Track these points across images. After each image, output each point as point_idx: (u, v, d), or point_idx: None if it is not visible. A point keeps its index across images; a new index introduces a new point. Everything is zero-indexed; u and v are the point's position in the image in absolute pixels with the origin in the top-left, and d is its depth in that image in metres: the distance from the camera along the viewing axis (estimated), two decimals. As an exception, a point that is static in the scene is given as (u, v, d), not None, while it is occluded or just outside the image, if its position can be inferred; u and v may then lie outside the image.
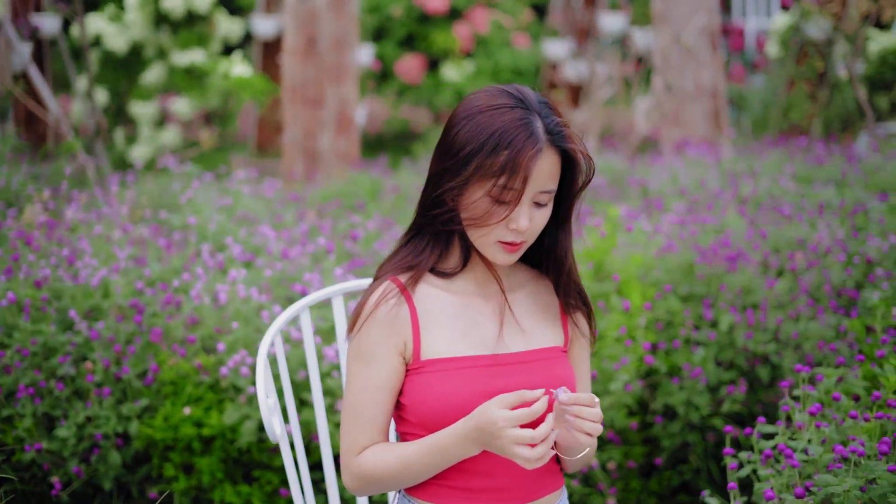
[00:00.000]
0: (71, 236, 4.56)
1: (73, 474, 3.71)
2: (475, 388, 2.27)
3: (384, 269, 2.40)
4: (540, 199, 2.27)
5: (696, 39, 7.78)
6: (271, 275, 4.04)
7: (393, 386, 2.32)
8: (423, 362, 2.30)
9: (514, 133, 2.21)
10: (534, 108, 2.25)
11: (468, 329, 2.34)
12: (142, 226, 4.85)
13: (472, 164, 2.22)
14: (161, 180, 5.62)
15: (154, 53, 9.56)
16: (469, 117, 2.26)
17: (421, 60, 10.51)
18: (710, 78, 7.91)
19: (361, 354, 2.32)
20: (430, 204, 2.32)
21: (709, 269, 4.32)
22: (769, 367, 4.13)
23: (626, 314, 3.95)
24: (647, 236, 4.48)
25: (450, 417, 2.25)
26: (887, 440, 2.58)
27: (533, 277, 2.47)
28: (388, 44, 10.54)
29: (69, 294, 3.99)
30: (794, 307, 4.20)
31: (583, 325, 2.47)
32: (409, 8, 10.52)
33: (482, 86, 10.10)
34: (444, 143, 2.29)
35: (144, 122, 9.59)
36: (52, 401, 3.74)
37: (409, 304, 2.33)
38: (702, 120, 7.86)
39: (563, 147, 2.26)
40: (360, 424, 2.30)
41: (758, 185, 5.67)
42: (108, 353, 3.78)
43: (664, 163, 6.59)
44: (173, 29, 9.45)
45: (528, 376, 2.31)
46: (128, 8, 9.46)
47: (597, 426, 2.20)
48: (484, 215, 2.24)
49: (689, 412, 3.94)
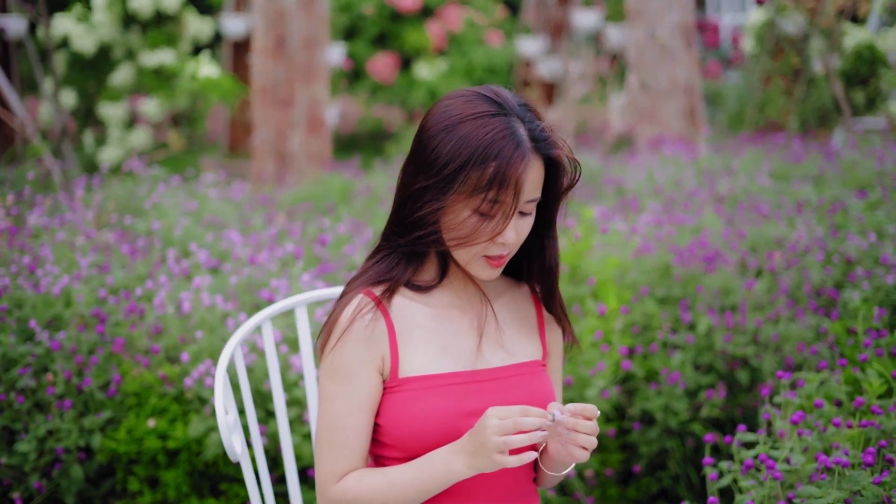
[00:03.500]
0: (33, 243, 4.44)
1: (34, 490, 3.59)
2: (453, 408, 2.16)
3: (355, 284, 2.26)
4: (525, 208, 2.15)
5: (670, 35, 7.71)
6: (237, 282, 3.93)
7: (372, 406, 2.19)
8: (401, 380, 2.18)
9: (500, 144, 2.08)
10: (515, 113, 2.13)
11: (446, 344, 2.23)
12: (106, 231, 4.73)
13: (457, 180, 2.09)
14: (127, 184, 5.49)
15: (122, 54, 9.41)
16: (448, 129, 2.12)
17: (393, 59, 10.41)
18: (684, 74, 7.83)
19: (337, 373, 2.18)
20: (410, 224, 2.18)
21: (686, 270, 4.23)
22: (749, 370, 4.05)
23: (602, 318, 3.86)
24: (623, 237, 4.38)
25: (427, 437, 2.14)
26: (872, 450, 2.49)
27: (509, 286, 2.36)
28: (360, 42, 10.43)
29: (30, 303, 3.87)
30: (773, 308, 4.12)
31: (558, 336, 2.37)
32: (381, 6, 10.41)
33: (455, 84, 10.01)
34: (422, 156, 2.15)
35: (113, 124, 9.44)
36: (13, 414, 3.62)
37: (386, 318, 2.20)
38: (677, 117, 7.79)
39: (549, 154, 2.15)
40: (340, 449, 2.17)
41: (735, 182, 5.59)
42: (70, 364, 3.66)
43: (640, 161, 6.50)
44: (142, 29, 9.30)
45: (508, 393, 2.20)
46: (95, 8, 9.30)
47: (593, 440, 2.10)
48: (472, 234, 2.12)
49: (667, 418, 3.86)
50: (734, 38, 13.04)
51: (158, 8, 9.27)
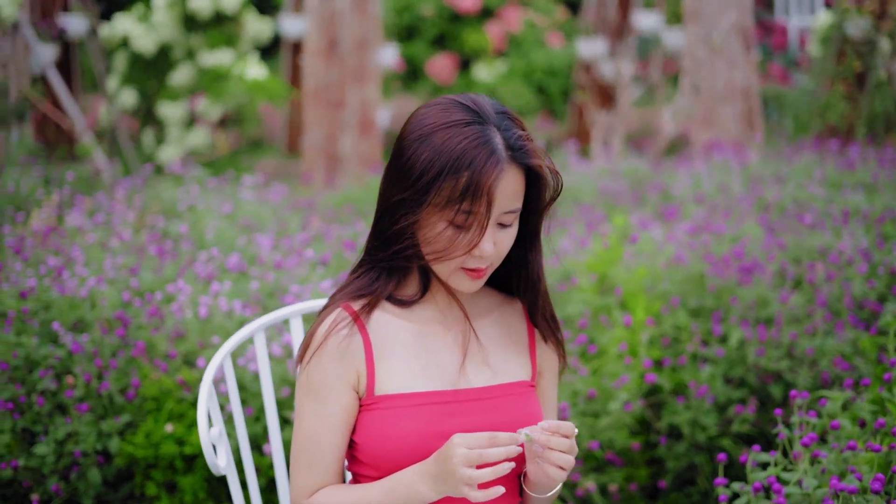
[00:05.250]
0: (66, 243, 4.45)
1: (52, 492, 3.58)
2: (430, 429, 2.09)
3: (336, 297, 2.20)
4: (504, 219, 2.08)
5: (727, 37, 7.56)
6: (258, 287, 3.89)
7: (346, 423, 2.13)
8: (377, 398, 2.12)
9: (473, 154, 2.01)
10: (491, 122, 2.05)
11: (427, 361, 2.15)
12: (145, 233, 4.73)
13: (431, 192, 2.02)
14: (169, 185, 5.50)
15: (182, 54, 9.45)
16: (422, 138, 2.05)
17: (453, 60, 10.35)
18: (742, 78, 7.68)
19: (311, 389, 2.13)
20: (388, 238, 2.11)
21: (720, 280, 4.12)
22: (783, 384, 3.93)
23: (629, 330, 3.77)
24: (656, 246, 4.27)
25: (402, 458, 2.07)
26: (881, 476, 2.38)
27: (500, 302, 2.28)
28: (419, 44, 10.38)
29: (57, 305, 3.87)
30: (810, 321, 3.99)
31: (553, 355, 2.29)
32: (441, 7, 10.35)
33: (514, 86, 9.93)
34: (397, 167, 2.09)
35: (173, 124, 9.49)
36: (33, 416, 3.62)
37: (363, 333, 2.14)
38: (734, 121, 7.63)
39: (527, 164, 2.07)
40: (312, 465, 2.12)
41: (783, 190, 5.45)
42: (90, 367, 3.65)
43: (687, 167, 6.37)
44: (201, 29, 9.34)
45: (490, 415, 2.12)
46: (156, 8, 9.36)
47: (569, 459, 2.02)
48: (448, 248, 2.05)
49: (694, 432, 3.76)
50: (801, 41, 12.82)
51: (218, 8, 9.30)
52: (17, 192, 5.64)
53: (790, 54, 12.93)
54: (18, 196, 5.63)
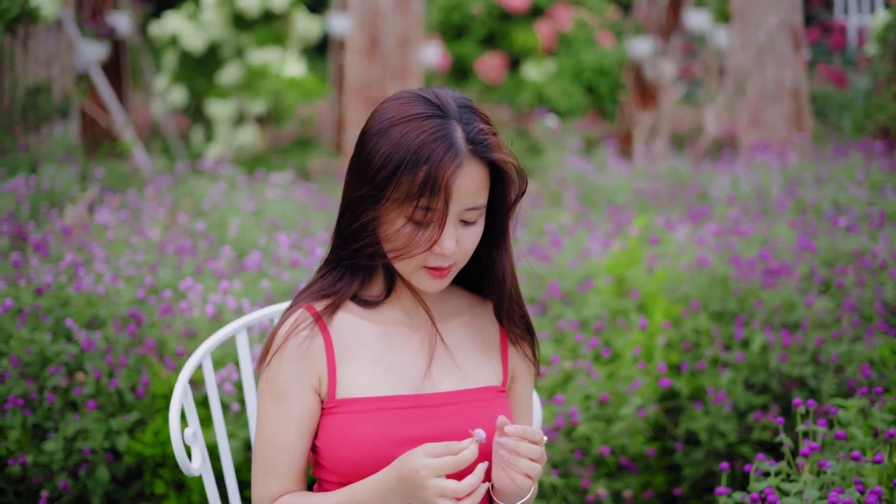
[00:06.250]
0: (91, 240, 4.45)
1: (60, 489, 3.58)
2: (392, 434, 2.02)
3: (300, 297, 2.14)
4: (467, 216, 2.00)
5: (776, 37, 7.41)
6: (269, 285, 3.86)
7: (308, 427, 2.07)
8: (339, 401, 2.05)
9: (431, 147, 1.94)
10: (452, 115, 1.98)
11: (392, 364, 2.08)
12: (168, 231, 4.72)
13: (389, 187, 1.96)
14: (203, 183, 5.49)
15: (231, 53, 9.48)
16: (381, 132, 1.99)
17: (502, 59, 10.26)
18: (791, 77, 7.52)
19: (272, 392, 2.07)
20: (350, 235, 2.05)
21: (745, 284, 4.01)
22: (807, 391, 3.82)
23: (645, 333, 3.68)
24: (680, 248, 4.17)
25: (363, 465, 2.00)
26: (877, 490, 2.29)
27: (472, 304, 2.20)
28: (468, 42, 10.31)
29: (74, 302, 3.87)
30: (838, 327, 3.88)
31: (526, 357, 2.20)
32: (490, 6, 10.27)
33: (564, 85, 9.80)
34: (357, 162, 2.03)
35: (221, 122, 9.51)
36: (44, 412, 3.62)
37: (325, 334, 2.08)
38: (782, 122, 7.48)
39: (488, 158, 2.00)
40: (272, 471, 2.07)
41: (822, 192, 5.31)
42: (101, 364, 3.64)
43: (727, 167, 6.25)
44: (250, 28, 9.35)
45: (455, 420, 2.05)
46: (205, 7, 9.39)
47: (536, 467, 1.94)
48: (408, 245, 1.98)
49: (713, 439, 3.66)
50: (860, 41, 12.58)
51: (266, 7, 9.30)
52: (53, 189, 5.67)
53: (848, 54, 12.70)
54: (54, 193, 5.65)
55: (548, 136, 7.06)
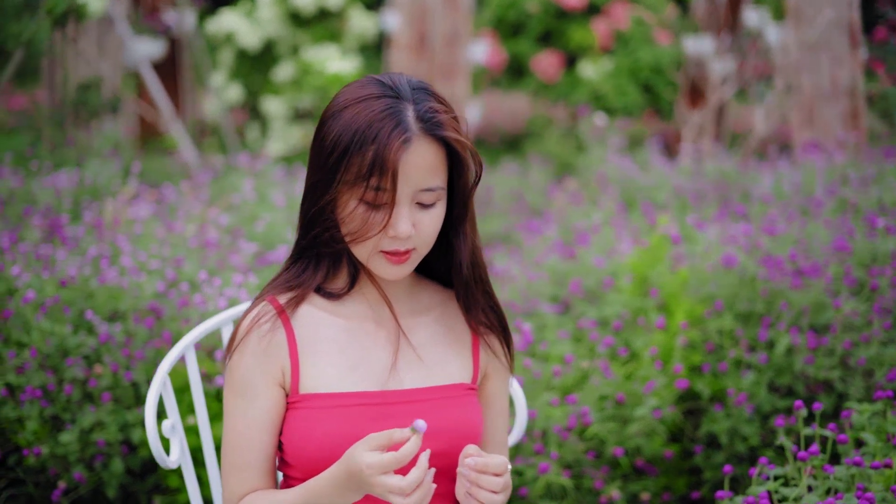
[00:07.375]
0: (121, 234, 4.48)
1: (75, 481, 3.59)
2: (354, 431, 1.97)
3: (265, 291, 2.10)
4: (423, 198, 1.96)
5: (831, 34, 7.26)
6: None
7: (274, 421, 2.03)
8: (302, 396, 2.01)
9: (379, 125, 1.90)
10: (404, 96, 1.94)
11: (357, 359, 2.04)
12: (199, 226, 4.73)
13: (340, 169, 1.92)
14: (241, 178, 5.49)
15: (287, 50, 9.52)
16: (334, 115, 1.96)
17: (558, 57, 10.19)
18: (847, 76, 7.36)
19: (236, 386, 2.04)
20: (309, 222, 2.02)
21: (773, 284, 3.91)
22: (835, 395, 3.72)
23: (665, 333, 3.61)
24: (706, 247, 4.09)
25: (328, 462, 1.96)
26: (870, 496, 2.21)
27: (445, 300, 2.15)
28: (524, 40, 10.25)
29: (97, 294, 3.88)
30: (868, 329, 3.77)
31: (498, 353, 2.14)
32: (547, 4, 10.21)
33: (620, 84, 9.69)
34: (314, 147, 2.00)
35: (276, 118, 9.55)
36: (62, 404, 3.63)
37: (287, 328, 2.04)
38: (837, 121, 7.32)
39: (438, 135, 1.94)
40: (239, 468, 2.03)
41: (868, 192, 5.18)
42: (119, 356, 3.65)
43: (771, 167, 6.13)
44: (305, 25, 9.38)
45: (421, 418, 1.99)
46: (260, 4, 9.44)
47: (496, 499, 1.90)
48: (362, 227, 1.94)
49: (734, 442, 3.58)
50: (928, 39, 12.32)
51: (321, 5, 9.33)
52: (95, 184, 5.72)
53: (916, 53, 12.45)
54: (96, 187, 5.70)
55: (592, 135, 6.98)
